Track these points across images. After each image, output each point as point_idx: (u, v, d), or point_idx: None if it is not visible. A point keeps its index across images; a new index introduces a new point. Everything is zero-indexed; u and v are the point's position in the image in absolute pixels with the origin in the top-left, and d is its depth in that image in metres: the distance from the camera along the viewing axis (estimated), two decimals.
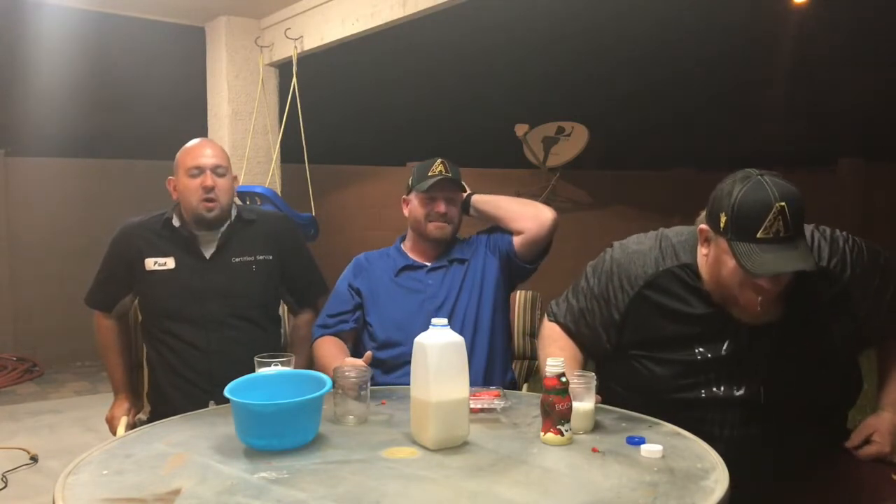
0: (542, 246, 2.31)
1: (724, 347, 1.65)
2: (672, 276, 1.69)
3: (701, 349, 1.66)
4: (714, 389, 1.66)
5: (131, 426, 2.27)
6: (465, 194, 2.40)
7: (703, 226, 1.61)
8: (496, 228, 2.40)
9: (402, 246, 2.42)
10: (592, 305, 1.81)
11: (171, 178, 2.33)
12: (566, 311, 1.90)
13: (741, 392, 1.64)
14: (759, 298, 1.54)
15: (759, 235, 1.47)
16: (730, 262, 1.53)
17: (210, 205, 2.26)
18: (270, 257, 2.34)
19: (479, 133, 9.84)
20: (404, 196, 2.39)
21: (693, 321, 1.67)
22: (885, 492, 1.55)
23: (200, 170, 2.26)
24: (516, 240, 2.30)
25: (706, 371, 1.66)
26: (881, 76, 11.02)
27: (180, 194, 2.29)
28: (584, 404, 1.60)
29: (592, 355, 1.89)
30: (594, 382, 1.62)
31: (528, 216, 2.31)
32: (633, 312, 1.72)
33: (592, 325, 1.81)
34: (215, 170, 2.27)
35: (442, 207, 2.30)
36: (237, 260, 2.30)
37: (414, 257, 2.37)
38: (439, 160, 2.33)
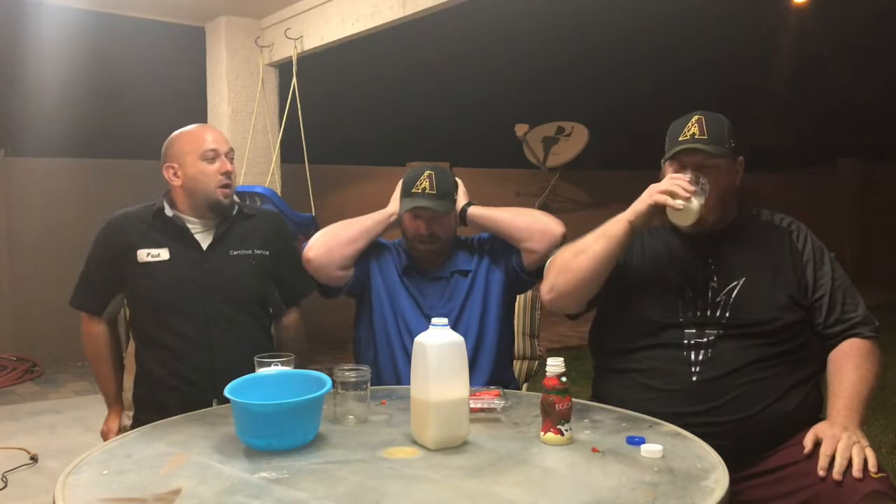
0: None
1: (695, 271, 1.90)
2: (653, 229, 2.00)
3: (677, 277, 1.90)
4: (690, 316, 1.86)
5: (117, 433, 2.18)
6: (460, 203, 2.27)
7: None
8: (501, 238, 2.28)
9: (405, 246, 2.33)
10: None
11: (169, 164, 2.18)
12: None
13: (712, 324, 1.84)
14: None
15: (679, 139, 1.87)
16: (668, 171, 1.90)
17: (227, 190, 2.17)
18: (266, 253, 2.25)
19: (479, 133, 9.86)
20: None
21: (667, 252, 1.96)
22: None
23: (217, 153, 2.16)
24: (525, 258, 2.19)
25: (683, 298, 1.88)
26: (881, 76, 11.02)
27: (190, 180, 2.16)
28: (695, 202, 1.77)
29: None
30: (708, 186, 1.80)
31: (537, 236, 2.16)
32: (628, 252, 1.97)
33: None
34: (228, 155, 2.18)
35: (423, 229, 2.19)
36: (235, 253, 2.19)
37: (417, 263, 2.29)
38: (426, 173, 2.18)
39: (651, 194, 1.82)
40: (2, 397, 4.97)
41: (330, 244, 2.20)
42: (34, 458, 3.62)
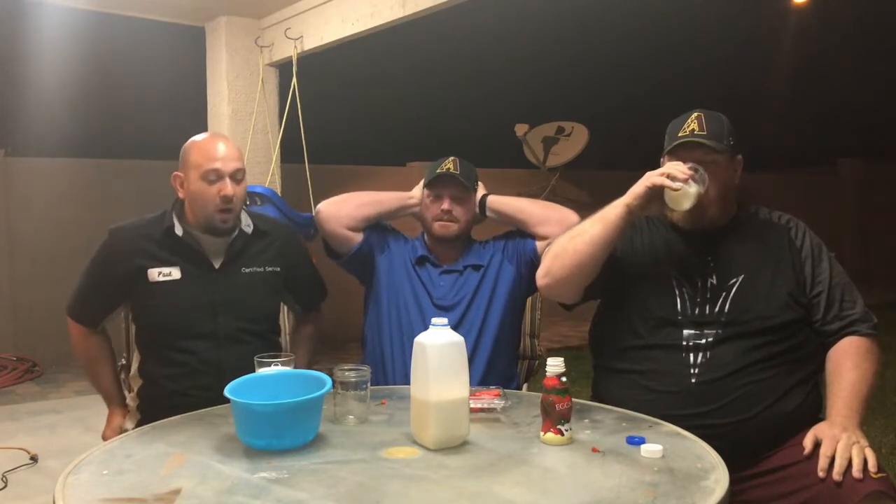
0: None
1: (692, 266, 1.90)
2: (647, 218, 2.01)
3: (676, 273, 1.89)
4: (689, 312, 1.86)
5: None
6: (479, 195, 2.34)
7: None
8: (515, 233, 2.33)
9: (424, 239, 2.37)
10: None
11: (177, 173, 2.09)
12: None
13: (711, 321, 1.83)
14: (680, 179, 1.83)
15: (679, 134, 1.88)
16: (664, 163, 1.89)
17: (226, 215, 2.06)
18: (278, 269, 2.19)
19: (479, 133, 9.85)
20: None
21: (666, 248, 1.96)
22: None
23: (219, 175, 2.03)
24: (540, 245, 2.22)
25: (682, 294, 1.87)
26: (881, 76, 11.03)
27: (191, 197, 2.07)
28: (693, 187, 1.77)
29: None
30: (706, 177, 1.80)
31: (553, 221, 2.22)
32: (621, 244, 1.96)
33: None
34: (234, 175, 2.05)
35: (446, 204, 2.25)
36: (247, 270, 2.12)
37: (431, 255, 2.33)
38: (451, 158, 2.28)
39: (649, 177, 1.83)
40: (2, 397, 4.97)
41: (340, 203, 2.33)
42: (34, 458, 3.61)
